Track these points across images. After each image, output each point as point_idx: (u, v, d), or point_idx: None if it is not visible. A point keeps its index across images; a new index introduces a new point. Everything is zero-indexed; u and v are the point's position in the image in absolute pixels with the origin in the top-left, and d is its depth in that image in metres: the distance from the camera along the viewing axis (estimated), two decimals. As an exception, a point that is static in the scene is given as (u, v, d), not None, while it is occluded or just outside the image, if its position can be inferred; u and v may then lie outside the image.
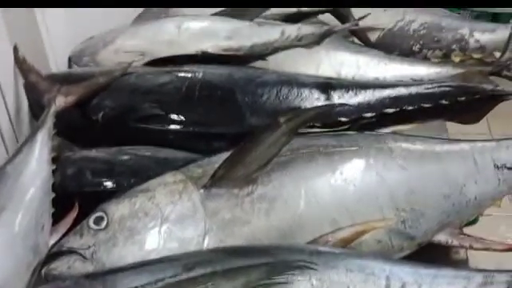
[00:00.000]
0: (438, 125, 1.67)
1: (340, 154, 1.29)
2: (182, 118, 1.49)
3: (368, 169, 1.28)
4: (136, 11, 1.85)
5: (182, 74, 1.55)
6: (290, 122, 1.18)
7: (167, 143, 1.50)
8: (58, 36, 1.80)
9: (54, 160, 1.39)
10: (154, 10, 1.83)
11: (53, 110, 1.43)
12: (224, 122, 1.49)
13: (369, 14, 1.82)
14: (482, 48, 1.93)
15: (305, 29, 1.63)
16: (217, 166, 1.22)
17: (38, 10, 1.72)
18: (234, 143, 1.44)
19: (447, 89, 1.56)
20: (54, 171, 1.36)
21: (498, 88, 1.57)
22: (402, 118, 1.54)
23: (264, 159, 1.19)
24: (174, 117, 1.50)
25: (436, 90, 1.56)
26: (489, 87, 1.57)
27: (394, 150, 1.33)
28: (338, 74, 1.80)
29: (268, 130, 1.18)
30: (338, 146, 1.31)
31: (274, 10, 1.89)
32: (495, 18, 4.24)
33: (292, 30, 1.63)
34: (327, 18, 1.94)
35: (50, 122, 1.40)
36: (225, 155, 1.24)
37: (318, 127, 1.45)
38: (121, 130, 1.52)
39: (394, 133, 1.47)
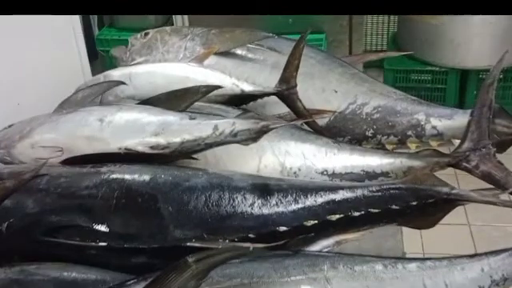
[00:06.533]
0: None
1: (265, 291, 1.11)
2: (97, 230, 1.32)
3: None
4: (61, 98, 1.67)
5: (100, 178, 1.38)
6: (200, 263, 1.01)
7: (79, 259, 1.32)
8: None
9: None
10: (79, 95, 1.65)
11: None
12: (144, 235, 1.31)
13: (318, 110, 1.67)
14: (439, 135, 1.79)
15: (240, 124, 1.46)
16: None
17: None
18: (154, 259, 1.30)
19: (398, 192, 1.40)
20: None
21: (454, 191, 1.40)
22: (347, 225, 1.38)
23: (171, 305, 1.02)
24: (88, 229, 1.32)
25: (385, 193, 1.40)
26: (443, 190, 1.41)
27: (330, 280, 1.15)
28: (282, 165, 1.65)
29: (175, 270, 1.01)
30: (266, 276, 1.14)
31: (215, 92, 1.74)
32: (464, 75, 4.16)
33: (226, 126, 1.47)
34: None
35: None
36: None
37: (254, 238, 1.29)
38: (26, 244, 1.35)
39: (337, 252, 1.30)
